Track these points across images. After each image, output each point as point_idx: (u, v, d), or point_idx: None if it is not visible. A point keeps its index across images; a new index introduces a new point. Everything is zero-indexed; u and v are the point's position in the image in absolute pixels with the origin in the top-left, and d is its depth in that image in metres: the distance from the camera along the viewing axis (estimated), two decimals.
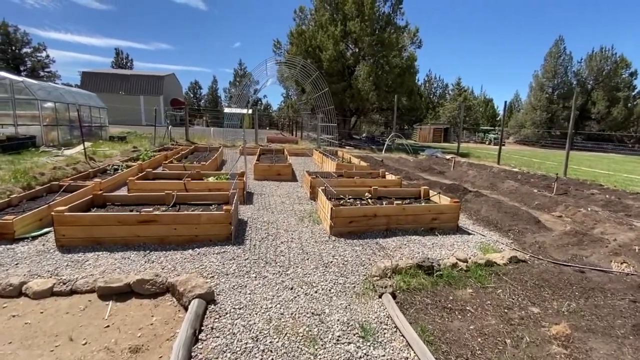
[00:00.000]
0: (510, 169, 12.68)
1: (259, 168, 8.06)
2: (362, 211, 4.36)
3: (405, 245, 4.04)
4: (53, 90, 11.29)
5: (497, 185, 8.05)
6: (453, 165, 11.78)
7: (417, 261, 3.37)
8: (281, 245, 3.92)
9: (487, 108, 54.91)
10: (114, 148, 11.22)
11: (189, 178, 6.12)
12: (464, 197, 6.59)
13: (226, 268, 3.28)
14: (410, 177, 8.98)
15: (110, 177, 6.54)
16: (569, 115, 40.23)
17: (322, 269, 3.34)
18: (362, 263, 3.50)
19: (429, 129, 38.81)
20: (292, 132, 28.61)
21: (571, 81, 41.51)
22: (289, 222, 4.86)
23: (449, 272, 3.31)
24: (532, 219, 5.10)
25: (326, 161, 9.92)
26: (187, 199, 4.85)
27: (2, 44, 38.78)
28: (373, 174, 7.56)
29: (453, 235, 4.50)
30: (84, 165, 7.80)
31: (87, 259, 3.42)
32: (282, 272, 3.25)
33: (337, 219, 4.23)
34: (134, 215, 3.80)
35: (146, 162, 8.60)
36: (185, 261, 3.43)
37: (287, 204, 5.90)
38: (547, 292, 3.12)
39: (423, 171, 10.76)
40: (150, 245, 3.78)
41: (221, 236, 3.96)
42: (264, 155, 11.13)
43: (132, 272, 3.14)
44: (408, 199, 5.44)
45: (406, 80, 20.52)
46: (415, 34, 21.22)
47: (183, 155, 10.03)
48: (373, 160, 12.96)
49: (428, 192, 5.51)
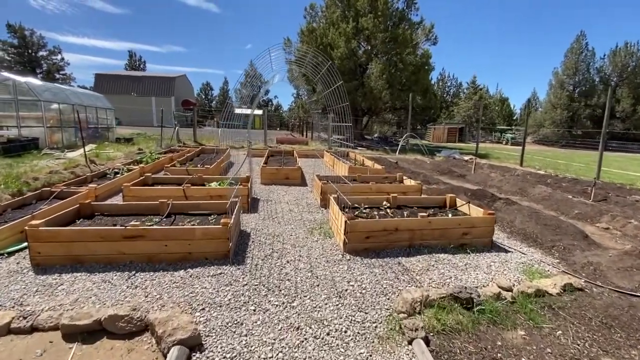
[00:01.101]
0: (535, 171, 11.84)
1: (267, 172, 7.54)
2: (382, 225, 3.76)
3: (433, 267, 3.43)
4: (58, 91, 11.04)
5: (526, 191, 7.31)
6: (474, 168, 11.03)
7: (452, 290, 2.76)
8: (287, 266, 3.36)
9: (503, 107, 53.30)
10: (118, 150, 10.90)
11: (189, 184, 5.62)
12: (492, 205, 5.91)
13: (220, 297, 2.74)
14: (429, 181, 8.31)
15: (108, 182, 6.12)
16: (591, 114, 38.70)
17: (336, 299, 2.76)
18: (383, 291, 2.91)
19: (443, 129, 37.71)
20: (303, 132, 28.11)
21: (593, 78, 39.77)
22: (297, 234, 4.30)
23: (491, 305, 2.68)
24: (579, 233, 4.40)
25: (338, 164, 9.34)
26: (184, 208, 4.34)
27: (19, 47, 39.55)
28: (389, 179, 6.93)
29: (488, 254, 3.85)
30: (84, 168, 7.42)
31: (62, 282, 2.94)
32: (286, 303, 2.68)
33: (352, 233, 3.65)
34: (118, 230, 3.30)
35: (149, 165, 8.19)
36: (174, 286, 2.90)
37: (296, 212, 5.34)
38: (620, 335, 2.47)
39: (442, 174, 10.06)
40: (136, 264, 3.28)
41: (218, 253, 3.43)
42: (273, 158, 10.62)
43: (108, 302, 2.64)
44: (432, 209, 4.81)
45: (421, 78, 19.74)
46: (431, 30, 20.40)
47: (188, 158, 9.59)
48: (387, 162, 12.30)
49: (455, 201, 4.87)
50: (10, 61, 38.91)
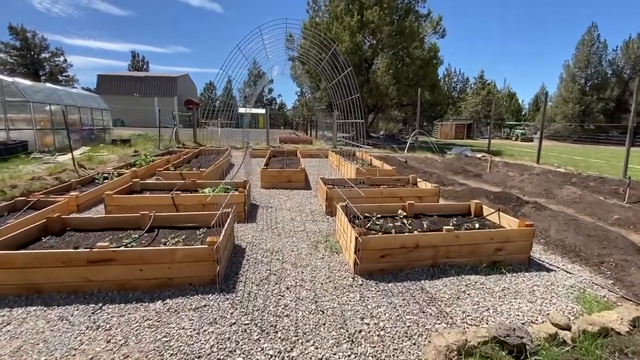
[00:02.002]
0: (554, 169, 11.10)
1: (267, 174, 6.96)
2: (399, 241, 3.15)
3: (464, 294, 2.81)
4: (50, 92, 10.55)
5: (552, 192, 6.63)
6: (489, 166, 10.34)
7: (495, 332, 2.15)
8: (286, 294, 2.77)
9: (511, 102, 52.11)
10: (113, 152, 10.40)
11: (180, 191, 5.06)
12: (519, 210, 5.26)
13: (200, 342, 2.16)
14: (444, 182, 7.66)
15: (93, 189, 5.59)
16: (604, 108, 37.47)
17: (347, 345, 2.16)
18: (407, 332, 2.30)
19: (451, 125, 36.80)
20: (307, 131, 27.50)
21: (606, 71, 38.52)
22: (299, 250, 3.71)
23: (550, 354, 2.07)
24: (630, 245, 3.75)
25: (344, 164, 8.73)
26: (169, 220, 3.77)
27: (21, 49, 39.41)
28: (402, 181, 6.31)
29: (527, 274, 3.22)
30: (71, 174, 6.91)
31: (10, 320, 2.39)
32: (283, 352, 2.09)
33: (365, 252, 3.05)
34: (83, 254, 2.74)
35: (142, 168, 7.66)
36: (146, 325, 2.34)
37: (298, 221, 4.76)
38: None
39: (456, 174, 9.39)
40: (105, 293, 2.72)
41: (204, 279, 2.86)
42: (275, 158, 10.05)
43: (58, 352, 2.07)
44: (454, 217, 4.18)
45: (429, 73, 18.97)
46: (439, 22, 19.60)
47: (185, 160, 9.05)
48: (395, 161, 11.65)
49: (481, 209, 4.23)
50: (13, 63, 38.80)
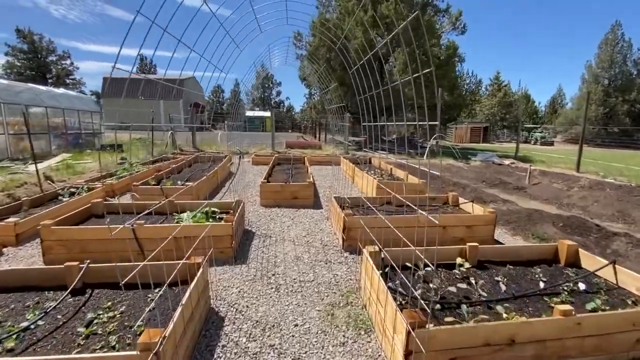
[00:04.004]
0: (600, 179, 9.57)
1: (268, 190, 5.66)
2: (481, 334, 1.80)
3: None
4: (28, 92, 9.44)
5: (631, 215, 5.18)
6: (528, 177, 8.88)
7: None
8: None
9: (528, 104, 50.08)
10: (101, 159, 9.25)
11: (144, 218, 3.77)
12: (608, 245, 3.85)
13: None
14: (483, 198, 6.26)
15: (45, 212, 4.37)
16: (629, 110, 35.30)
17: None
18: None
19: (466, 128, 35.05)
20: (316, 134, 26.20)
21: (631, 71, 36.42)
22: (306, 326, 2.39)
23: None
24: None
25: (359, 174, 7.40)
26: (112, 273, 2.49)
27: (29, 52, 39.14)
28: (438, 200, 4.94)
29: None
30: (33, 188, 5.72)
31: None
32: None
33: (427, 354, 1.71)
34: None
35: (121, 181, 6.45)
36: None
37: (306, 262, 3.44)
38: None
39: (492, 186, 7.96)
40: None
41: None
42: (279, 167, 8.77)
43: None
44: (537, 266, 2.80)
45: (448, 72, 17.52)
46: (458, 17, 18.17)
47: (176, 169, 7.81)
48: (414, 169, 10.24)
49: (578, 253, 2.84)
50: (20, 67, 38.55)
